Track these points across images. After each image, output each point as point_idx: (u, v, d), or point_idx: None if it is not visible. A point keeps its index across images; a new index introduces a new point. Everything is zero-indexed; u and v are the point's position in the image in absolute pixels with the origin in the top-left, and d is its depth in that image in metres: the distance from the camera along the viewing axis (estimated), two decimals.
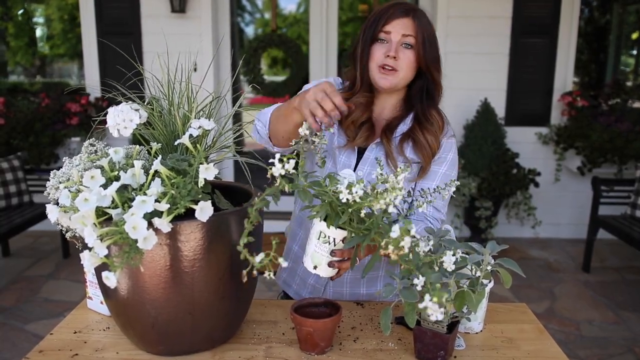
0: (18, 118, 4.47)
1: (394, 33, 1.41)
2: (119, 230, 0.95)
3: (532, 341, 1.29)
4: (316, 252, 1.19)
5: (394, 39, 1.41)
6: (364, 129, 1.48)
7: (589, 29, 5.15)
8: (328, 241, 1.18)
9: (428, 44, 1.42)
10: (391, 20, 1.42)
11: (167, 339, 1.14)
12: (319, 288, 1.58)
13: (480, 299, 1.09)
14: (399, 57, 1.41)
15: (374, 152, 1.49)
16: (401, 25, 1.41)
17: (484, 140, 4.45)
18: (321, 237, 1.17)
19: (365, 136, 1.48)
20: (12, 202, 4.06)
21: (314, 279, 1.58)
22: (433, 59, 1.45)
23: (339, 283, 1.56)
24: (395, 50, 1.40)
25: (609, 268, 4.29)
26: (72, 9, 5.16)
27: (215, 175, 1.04)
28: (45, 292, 3.70)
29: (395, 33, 1.41)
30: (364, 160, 1.49)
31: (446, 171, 1.51)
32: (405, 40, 1.42)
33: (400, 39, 1.41)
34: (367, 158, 1.49)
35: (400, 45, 1.42)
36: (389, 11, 1.43)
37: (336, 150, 1.50)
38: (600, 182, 4.15)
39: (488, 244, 1.11)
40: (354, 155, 1.50)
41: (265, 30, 5.28)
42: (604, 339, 3.15)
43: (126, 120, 1.07)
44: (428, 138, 1.47)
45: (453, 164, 1.53)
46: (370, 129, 1.50)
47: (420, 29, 1.42)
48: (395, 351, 1.21)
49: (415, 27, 1.42)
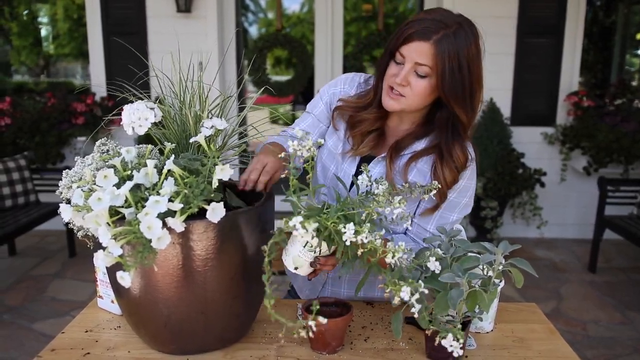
0: (24, 118, 4.49)
1: (408, 58, 1.26)
2: (132, 229, 0.95)
3: (543, 341, 1.29)
4: (300, 256, 1.18)
5: (407, 65, 1.26)
6: (369, 139, 1.42)
7: (594, 29, 5.13)
8: (314, 250, 1.17)
9: (449, 75, 1.24)
10: (409, 42, 1.25)
11: (179, 338, 1.14)
12: (317, 286, 1.57)
13: (492, 298, 1.09)
14: (408, 83, 1.28)
15: (378, 167, 1.42)
16: (417, 51, 1.24)
17: (490, 140, 4.44)
18: (307, 246, 1.16)
19: (370, 145, 1.42)
20: (18, 202, 4.07)
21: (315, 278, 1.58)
22: (453, 92, 1.27)
23: (338, 283, 1.55)
24: (403, 77, 1.27)
25: (615, 268, 4.28)
26: (78, 9, 5.17)
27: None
28: (52, 291, 3.71)
29: (409, 59, 1.26)
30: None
31: (454, 198, 1.39)
32: (417, 69, 1.26)
33: (413, 66, 1.26)
34: (371, 169, 1.41)
35: (412, 72, 1.27)
36: (411, 29, 1.25)
37: (339, 157, 1.46)
38: (606, 182, 4.14)
39: (500, 243, 1.11)
40: (354, 163, 1.44)
41: (269, 30, 5.29)
42: (611, 339, 3.14)
43: (141, 119, 1.07)
44: (445, 172, 1.34)
45: (464, 192, 1.41)
46: (378, 138, 1.43)
47: (441, 58, 1.23)
48: (406, 351, 1.21)
49: (435, 55, 1.23)
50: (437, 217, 1.40)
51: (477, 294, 1.06)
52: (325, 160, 1.51)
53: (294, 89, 4.87)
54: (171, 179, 1.03)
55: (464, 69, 1.26)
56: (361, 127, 1.41)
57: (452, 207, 1.40)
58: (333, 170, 1.48)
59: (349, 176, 1.44)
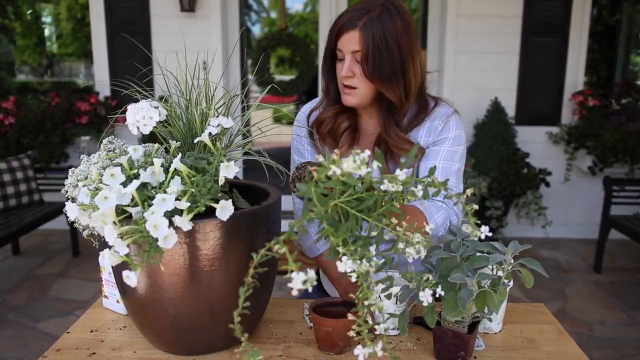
0: (28, 117, 4.49)
1: (345, 50, 1.32)
2: (139, 228, 0.94)
3: (552, 342, 1.27)
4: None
5: (346, 56, 1.32)
6: (344, 136, 1.45)
7: (599, 28, 5.11)
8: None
9: (372, 56, 1.29)
10: (341, 35, 1.32)
11: (185, 338, 1.13)
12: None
13: (502, 299, 1.08)
14: (353, 74, 1.32)
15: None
16: (350, 41, 1.30)
17: (494, 140, 4.42)
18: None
19: (347, 143, 1.45)
20: (22, 201, 4.07)
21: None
22: (378, 72, 1.31)
23: None
24: (347, 69, 1.32)
25: (620, 268, 4.26)
26: (82, 9, 5.17)
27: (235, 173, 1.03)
28: (56, 290, 3.71)
29: (346, 51, 1.32)
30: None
31: (449, 147, 1.43)
32: (355, 56, 1.32)
33: (352, 56, 1.32)
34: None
35: (354, 61, 1.32)
36: (339, 23, 1.32)
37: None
38: (612, 182, 4.12)
39: (510, 243, 1.10)
40: None
41: (272, 30, 5.28)
42: (617, 340, 3.12)
43: (146, 118, 1.06)
44: (398, 142, 1.39)
45: (457, 140, 1.44)
46: (353, 135, 1.46)
47: (365, 41, 1.28)
48: (414, 351, 1.20)
49: (362, 39, 1.28)
50: (441, 169, 1.42)
51: (487, 294, 1.05)
52: None
53: (297, 89, 4.87)
54: (178, 177, 1.02)
55: (392, 47, 1.29)
56: (324, 126, 1.44)
57: (451, 156, 1.43)
58: None
59: None
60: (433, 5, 4.72)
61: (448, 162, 1.43)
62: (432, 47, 4.75)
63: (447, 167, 1.43)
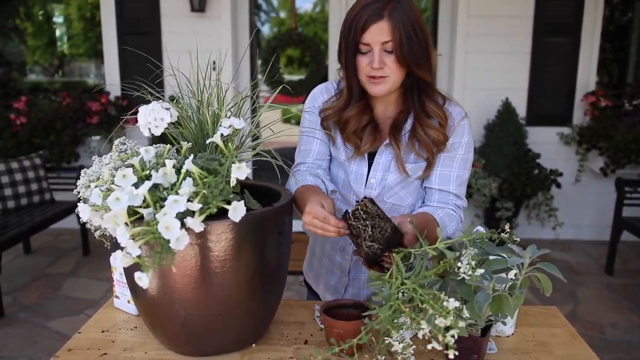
0: (39, 117, 4.52)
1: (373, 43, 1.30)
2: (151, 230, 0.94)
3: (565, 345, 1.26)
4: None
5: (375, 48, 1.30)
6: (367, 134, 1.43)
7: (611, 28, 5.07)
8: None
9: (406, 42, 1.28)
10: (367, 28, 1.29)
11: (196, 339, 1.13)
12: (340, 289, 1.57)
13: (518, 303, 1.06)
14: (384, 64, 1.31)
15: (385, 155, 1.43)
16: (378, 32, 1.28)
17: (505, 141, 4.40)
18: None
19: (370, 140, 1.43)
20: (33, 200, 4.10)
21: (335, 281, 1.57)
22: (413, 57, 1.31)
23: (358, 285, 1.55)
24: (379, 61, 1.30)
25: (632, 270, 4.22)
26: (92, 9, 5.20)
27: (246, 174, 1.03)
28: (66, 289, 3.73)
29: (375, 43, 1.30)
30: (374, 166, 1.44)
31: (463, 155, 1.44)
32: (385, 47, 1.30)
33: (381, 47, 1.30)
34: (378, 163, 1.44)
35: (382, 52, 1.30)
36: (363, 16, 1.29)
37: (345, 162, 1.46)
38: (624, 183, 4.08)
39: (528, 247, 1.08)
40: (364, 162, 1.44)
41: (281, 30, 5.28)
42: (629, 343, 3.09)
43: (157, 119, 1.06)
44: (430, 133, 1.39)
45: (469, 147, 1.45)
46: (375, 131, 1.44)
47: (397, 29, 1.27)
48: (426, 353, 1.19)
49: (392, 28, 1.27)
50: (455, 177, 1.44)
51: (503, 299, 1.04)
52: (332, 168, 1.52)
53: (307, 89, 4.86)
54: (190, 179, 1.02)
55: (418, 31, 1.30)
56: (351, 125, 1.42)
57: (463, 164, 1.44)
58: (342, 176, 1.48)
59: (363, 176, 1.45)
60: (443, 6, 4.70)
61: (461, 170, 1.44)
62: (442, 47, 4.73)
63: (461, 175, 1.44)
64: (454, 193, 1.44)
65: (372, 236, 1.10)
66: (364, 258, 1.13)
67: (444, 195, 1.44)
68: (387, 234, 1.11)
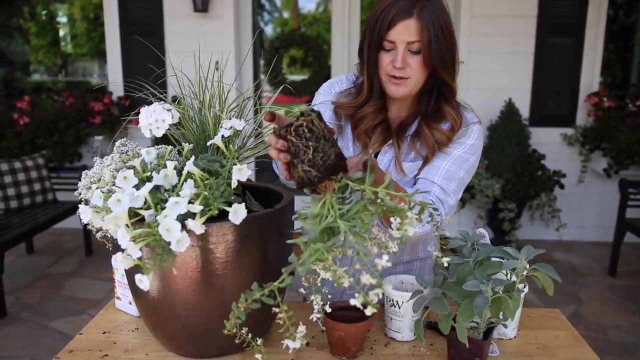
0: (42, 117, 4.53)
1: (398, 41, 1.27)
2: (152, 231, 0.94)
3: (568, 348, 1.25)
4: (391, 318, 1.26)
5: (399, 47, 1.28)
6: (377, 133, 1.41)
7: (615, 28, 5.05)
8: (393, 304, 1.24)
9: (435, 44, 1.26)
10: (394, 25, 1.26)
11: (197, 341, 1.13)
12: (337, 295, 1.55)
13: (517, 305, 1.06)
14: (407, 64, 1.28)
15: (387, 155, 1.42)
16: (406, 31, 1.25)
17: (508, 141, 4.39)
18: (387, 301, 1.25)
19: (380, 140, 1.41)
20: (36, 200, 4.11)
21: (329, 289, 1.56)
22: (440, 59, 1.28)
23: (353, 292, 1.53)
24: (402, 60, 1.27)
25: (635, 272, 4.20)
26: (95, 9, 5.21)
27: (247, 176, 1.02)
28: (69, 289, 3.74)
29: (400, 41, 1.27)
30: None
31: (463, 154, 1.39)
32: (411, 47, 1.27)
33: (406, 47, 1.27)
34: (380, 162, 1.42)
35: (407, 52, 1.28)
36: (391, 12, 1.26)
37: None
38: (627, 185, 4.07)
39: (523, 248, 1.08)
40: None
41: (284, 30, 5.28)
42: (632, 345, 3.08)
43: (159, 121, 1.06)
44: (435, 133, 1.36)
45: (473, 149, 1.40)
46: (385, 131, 1.42)
47: (426, 29, 1.25)
48: (427, 356, 1.19)
49: (421, 28, 1.25)
50: (445, 170, 1.37)
51: (501, 300, 1.03)
52: None
53: (310, 89, 4.86)
54: (191, 180, 1.01)
55: (446, 32, 1.28)
56: (365, 123, 1.41)
57: (460, 162, 1.38)
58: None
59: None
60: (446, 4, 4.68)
61: (456, 167, 1.38)
62: None
63: (453, 170, 1.37)
64: (439, 185, 1.36)
65: (311, 160, 0.93)
66: (296, 181, 0.96)
67: (428, 184, 1.36)
68: (330, 161, 0.93)
